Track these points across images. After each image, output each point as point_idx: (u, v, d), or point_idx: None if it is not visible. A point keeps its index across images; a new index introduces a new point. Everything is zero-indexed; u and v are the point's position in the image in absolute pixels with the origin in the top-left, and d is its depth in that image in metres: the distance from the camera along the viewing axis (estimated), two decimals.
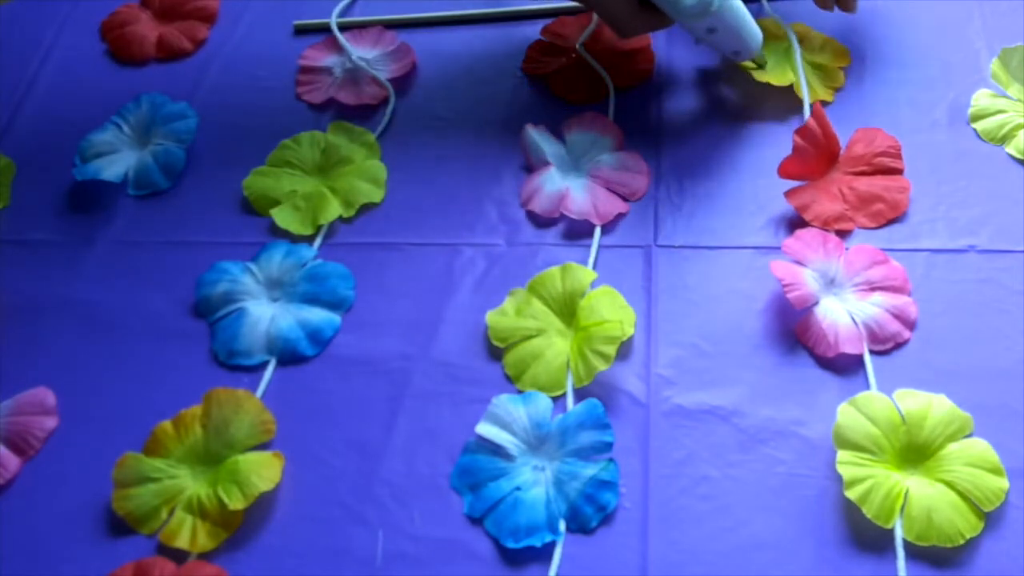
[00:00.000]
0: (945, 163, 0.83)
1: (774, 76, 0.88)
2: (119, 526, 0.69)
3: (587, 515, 0.66)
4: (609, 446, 0.68)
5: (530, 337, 0.75)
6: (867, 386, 0.70)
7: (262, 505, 0.68)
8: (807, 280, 0.74)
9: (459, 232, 0.83)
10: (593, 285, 0.77)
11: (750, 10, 0.82)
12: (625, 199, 0.84)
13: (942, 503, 0.63)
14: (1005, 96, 0.86)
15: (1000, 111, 0.85)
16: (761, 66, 0.89)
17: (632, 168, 0.85)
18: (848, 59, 0.91)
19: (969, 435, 0.66)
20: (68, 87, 1.00)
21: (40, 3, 1.09)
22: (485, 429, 0.70)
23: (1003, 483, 0.64)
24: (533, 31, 0.98)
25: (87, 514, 0.70)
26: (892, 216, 0.80)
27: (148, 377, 0.77)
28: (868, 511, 0.63)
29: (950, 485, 0.64)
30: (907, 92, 0.88)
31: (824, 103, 0.88)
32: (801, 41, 0.91)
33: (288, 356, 0.77)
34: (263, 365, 0.77)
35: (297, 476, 0.70)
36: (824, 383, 0.71)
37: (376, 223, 0.85)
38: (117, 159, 0.92)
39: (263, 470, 0.69)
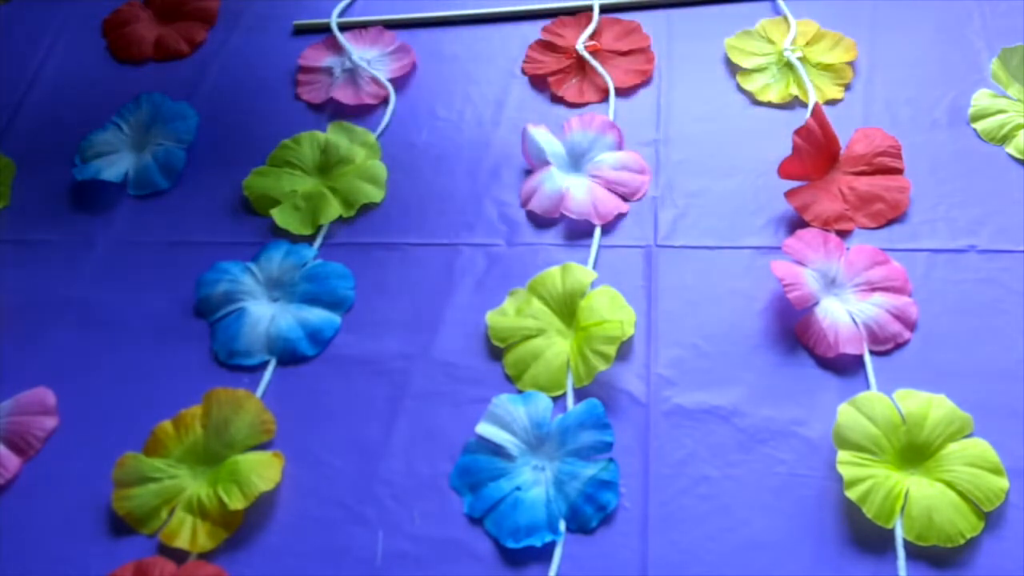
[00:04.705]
0: (945, 163, 0.83)
1: (776, 93, 0.89)
2: (119, 526, 0.69)
3: (587, 515, 0.66)
4: (609, 446, 0.68)
5: (530, 337, 0.75)
6: (867, 386, 0.70)
7: (262, 505, 0.68)
8: (807, 280, 0.74)
9: (459, 232, 0.83)
10: (593, 285, 0.77)
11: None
12: (625, 199, 0.84)
13: (942, 503, 0.63)
14: (1005, 96, 0.86)
15: (1000, 111, 0.85)
16: None
17: (632, 168, 0.85)
18: (855, 53, 0.91)
19: (969, 435, 0.66)
20: (68, 87, 1.00)
21: (40, 3, 1.09)
22: (485, 429, 0.70)
23: (1003, 483, 0.64)
24: (533, 31, 0.98)
25: (87, 514, 0.70)
26: (892, 216, 0.80)
27: (148, 377, 0.77)
28: (868, 511, 0.63)
29: (950, 485, 0.64)
30: (907, 92, 0.88)
31: (834, 101, 0.88)
32: (812, 41, 0.92)
33: (288, 356, 0.77)
34: (263, 365, 0.77)
35: (297, 476, 0.70)
36: (824, 383, 0.71)
37: (376, 223, 0.85)
38: (117, 159, 0.92)
39: (263, 470, 0.69)
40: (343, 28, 1.01)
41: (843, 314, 0.73)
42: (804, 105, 0.88)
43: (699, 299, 0.77)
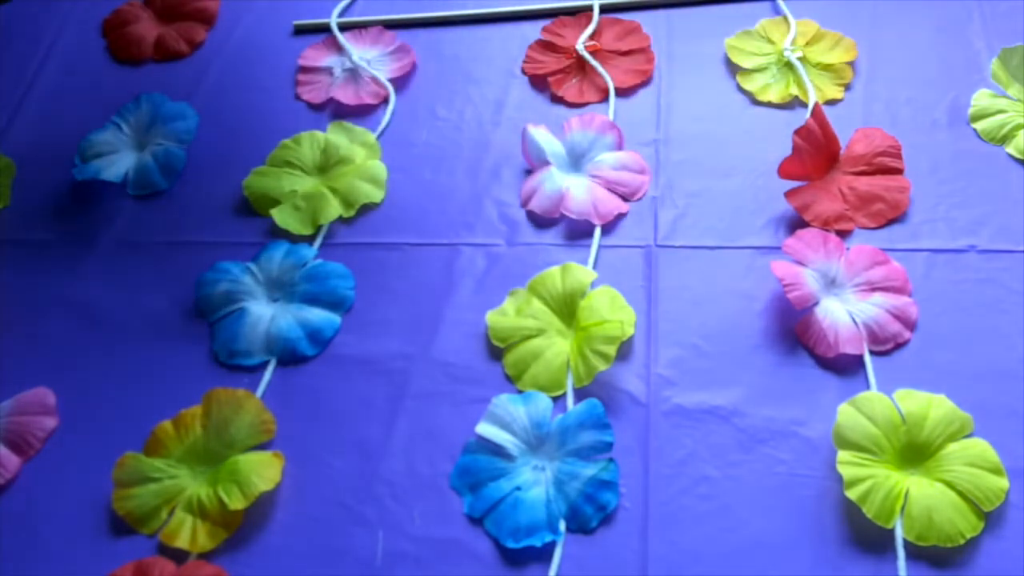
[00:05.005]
0: (945, 163, 0.83)
1: (776, 93, 0.89)
2: (119, 526, 0.69)
3: (587, 515, 0.66)
4: (609, 446, 0.68)
5: (530, 337, 0.75)
6: (867, 386, 0.70)
7: (262, 505, 0.68)
8: (807, 280, 0.74)
9: (459, 232, 0.83)
10: (593, 285, 0.77)
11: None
12: (625, 199, 0.84)
13: (942, 503, 0.63)
14: (1005, 96, 0.86)
15: (1000, 111, 0.85)
16: None
17: (632, 168, 0.85)
18: (855, 53, 0.91)
19: (969, 435, 0.66)
20: (68, 87, 1.00)
21: (40, 3, 1.09)
22: (485, 429, 0.70)
23: (1003, 483, 0.64)
24: (533, 31, 0.98)
25: (87, 514, 0.70)
26: (892, 216, 0.80)
27: (148, 377, 0.77)
28: (868, 511, 0.63)
29: (950, 485, 0.64)
30: (907, 92, 0.88)
31: (834, 101, 0.88)
32: (812, 41, 0.92)
33: (288, 356, 0.77)
34: (263, 365, 0.77)
35: (297, 476, 0.70)
36: (824, 383, 0.71)
37: (376, 223, 0.85)
38: (117, 159, 0.92)
39: (263, 470, 0.69)
40: (343, 28, 1.01)
41: (843, 314, 0.73)
42: (804, 105, 0.88)
43: (699, 299, 0.77)
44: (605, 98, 0.92)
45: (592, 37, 0.96)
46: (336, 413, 0.74)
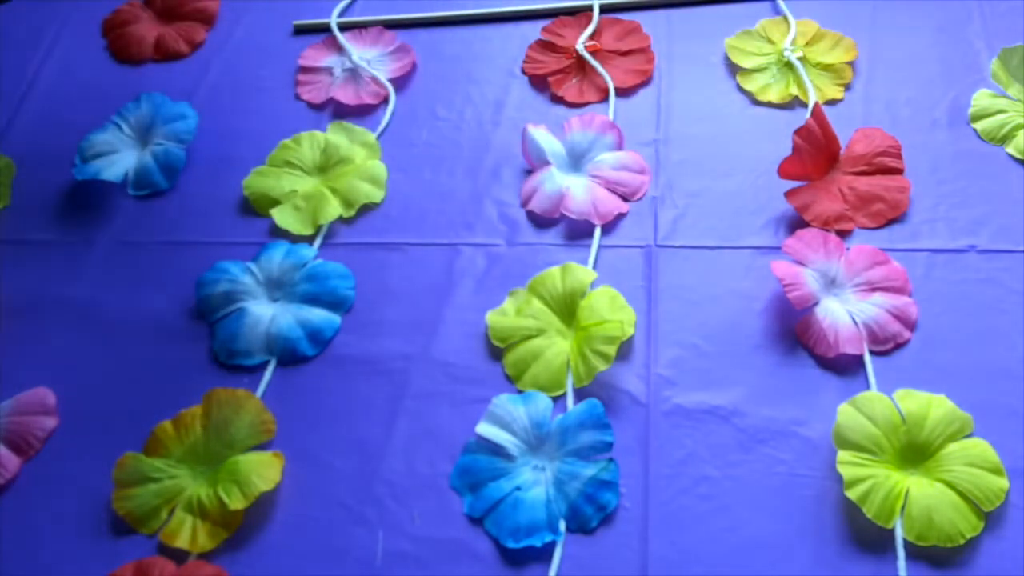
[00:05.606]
0: (945, 163, 0.83)
1: (776, 93, 0.89)
2: (119, 526, 0.69)
3: (587, 515, 0.66)
4: (609, 446, 0.68)
5: (530, 337, 0.75)
6: (867, 386, 0.70)
7: (262, 505, 0.68)
8: (807, 280, 0.74)
9: (459, 232, 0.83)
10: (593, 285, 0.77)
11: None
12: (625, 199, 0.84)
13: (942, 503, 0.63)
14: (1005, 96, 0.86)
15: (1000, 111, 0.85)
16: None
17: (632, 168, 0.85)
18: (855, 53, 0.91)
19: (969, 435, 0.66)
20: (68, 87, 1.00)
21: (40, 3, 1.09)
22: (485, 429, 0.70)
23: (1003, 483, 0.64)
24: (533, 31, 0.98)
25: (87, 514, 0.70)
26: (892, 216, 0.80)
27: (148, 377, 0.77)
28: (868, 511, 0.63)
29: (950, 485, 0.64)
30: (907, 92, 0.88)
31: (834, 101, 0.88)
32: (812, 41, 0.92)
33: (288, 356, 0.77)
34: (263, 365, 0.77)
35: (297, 476, 0.70)
36: (824, 383, 0.71)
37: (376, 223, 0.85)
38: (117, 159, 0.92)
39: (263, 470, 0.69)
40: (343, 28, 1.01)
41: (843, 314, 0.73)
42: (804, 105, 0.88)
43: (699, 299, 0.77)
44: (605, 98, 0.92)
45: (592, 37, 0.96)
46: (336, 413, 0.74)
